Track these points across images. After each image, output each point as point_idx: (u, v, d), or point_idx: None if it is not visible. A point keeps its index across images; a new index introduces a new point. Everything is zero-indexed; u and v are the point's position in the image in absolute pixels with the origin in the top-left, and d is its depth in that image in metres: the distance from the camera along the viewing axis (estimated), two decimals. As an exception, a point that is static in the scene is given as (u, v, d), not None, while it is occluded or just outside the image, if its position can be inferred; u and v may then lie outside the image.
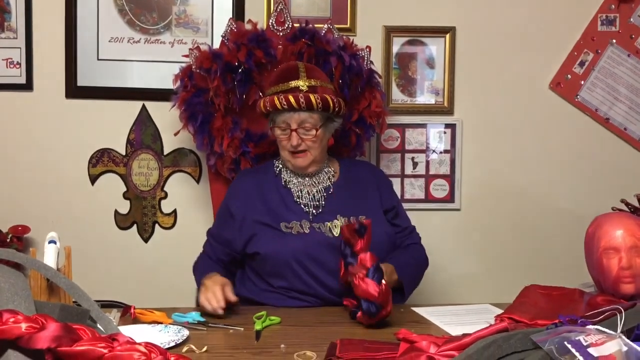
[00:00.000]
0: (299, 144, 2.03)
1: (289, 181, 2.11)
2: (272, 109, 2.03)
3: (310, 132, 2.03)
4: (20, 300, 1.04)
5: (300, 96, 2.00)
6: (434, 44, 2.70)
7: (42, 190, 2.61)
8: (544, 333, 1.13)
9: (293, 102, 1.99)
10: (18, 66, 2.57)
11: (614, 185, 2.69)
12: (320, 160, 2.11)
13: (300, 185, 2.10)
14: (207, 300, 1.80)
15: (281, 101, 2.00)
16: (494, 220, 2.76)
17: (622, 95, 2.74)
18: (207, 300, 1.80)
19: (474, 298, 2.32)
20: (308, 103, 2.00)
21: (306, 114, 2.02)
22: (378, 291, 1.65)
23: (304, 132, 2.03)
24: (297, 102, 1.99)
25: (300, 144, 2.03)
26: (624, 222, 1.72)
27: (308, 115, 2.02)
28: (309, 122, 2.03)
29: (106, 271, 2.63)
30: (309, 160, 2.06)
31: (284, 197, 2.08)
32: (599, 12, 2.72)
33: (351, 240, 1.76)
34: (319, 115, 2.04)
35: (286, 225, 2.02)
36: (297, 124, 2.02)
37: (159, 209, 2.66)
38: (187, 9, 2.61)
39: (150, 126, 2.64)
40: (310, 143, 2.04)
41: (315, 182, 2.12)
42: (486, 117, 2.73)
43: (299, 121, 2.02)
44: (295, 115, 2.02)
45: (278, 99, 2.01)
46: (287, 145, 2.05)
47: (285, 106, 2.00)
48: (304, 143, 2.04)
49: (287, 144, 2.05)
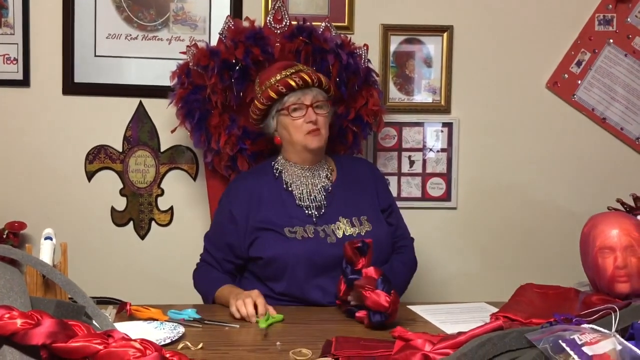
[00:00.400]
0: (316, 119, 2.06)
1: (290, 182, 2.11)
2: (288, 89, 2.06)
3: (323, 108, 2.09)
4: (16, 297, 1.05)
5: (312, 73, 2.10)
6: (431, 43, 2.70)
7: (39, 187, 2.61)
8: (538, 332, 1.13)
9: (307, 79, 2.07)
10: (15, 62, 2.57)
11: (610, 185, 2.70)
12: (324, 147, 2.14)
13: (301, 186, 2.10)
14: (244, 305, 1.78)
15: (296, 80, 2.06)
16: (490, 219, 2.76)
17: (619, 95, 2.75)
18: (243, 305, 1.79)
19: (470, 296, 2.33)
20: (319, 80, 2.09)
21: (317, 90, 2.09)
22: (389, 301, 1.66)
23: (318, 108, 2.08)
24: (310, 79, 2.07)
25: (317, 119, 2.06)
26: (619, 221, 1.72)
27: (318, 92, 2.10)
28: (320, 98, 2.09)
29: (102, 268, 2.63)
30: (323, 140, 2.10)
31: (285, 200, 2.08)
32: (597, 11, 2.72)
33: (353, 259, 1.76)
34: (324, 95, 2.12)
35: (290, 230, 2.02)
36: (311, 100, 2.07)
37: (155, 206, 2.66)
38: (185, 6, 2.61)
39: (147, 123, 2.64)
40: (323, 120, 2.09)
41: (315, 181, 2.12)
42: (483, 116, 2.74)
43: (312, 97, 2.08)
44: (308, 93, 2.07)
45: (292, 80, 2.06)
46: (303, 125, 2.06)
47: (301, 83, 2.06)
48: (319, 120, 2.07)
49: (302, 123, 2.06)
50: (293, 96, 2.07)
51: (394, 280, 2.01)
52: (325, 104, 2.10)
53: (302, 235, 2.01)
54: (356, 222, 2.07)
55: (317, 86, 2.09)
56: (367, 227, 2.07)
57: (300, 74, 2.08)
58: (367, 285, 1.68)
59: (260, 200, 2.07)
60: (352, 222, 2.06)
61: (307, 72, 2.10)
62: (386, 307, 1.65)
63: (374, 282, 1.69)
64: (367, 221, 2.08)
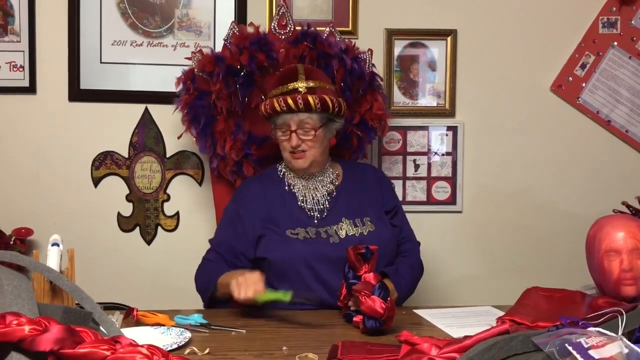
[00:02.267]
0: (298, 144, 2.05)
1: (293, 185, 2.12)
2: (272, 111, 2.06)
3: (309, 132, 2.05)
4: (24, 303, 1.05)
5: (298, 98, 2.02)
6: (435, 47, 2.70)
7: (45, 193, 2.62)
8: (545, 335, 1.13)
9: (291, 104, 2.02)
10: (21, 69, 2.58)
11: (616, 188, 2.69)
12: (321, 162, 2.13)
13: (304, 190, 2.11)
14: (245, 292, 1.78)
15: (280, 104, 2.03)
16: (496, 223, 2.76)
17: (623, 97, 2.74)
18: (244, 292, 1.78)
19: (476, 300, 2.32)
20: (306, 104, 2.02)
21: (305, 115, 2.04)
22: (384, 308, 1.65)
23: (303, 133, 2.05)
24: (295, 104, 2.02)
25: (299, 144, 2.05)
26: (625, 224, 1.72)
27: (307, 116, 2.04)
28: (308, 123, 2.05)
29: (109, 273, 2.64)
30: (309, 161, 2.07)
31: (288, 202, 2.09)
32: (600, 14, 2.72)
33: (356, 264, 1.76)
34: (319, 116, 2.06)
35: (292, 232, 2.03)
36: (297, 125, 2.04)
37: (161, 212, 2.67)
38: (190, 13, 2.62)
39: (153, 129, 2.65)
40: (310, 144, 2.05)
41: (319, 186, 2.12)
42: (488, 119, 2.74)
43: (298, 122, 2.04)
44: (294, 117, 2.04)
45: (277, 102, 2.03)
46: (287, 146, 2.06)
47: (285, 108, 2.03)
48: (304, 144, 2.05)
49: (287, 145, 2.06)
50: (280, 118, 2.06)
51: (400, 284, 2.02)
52: (314, 128, 2.04)
53: (304, 236, 2.02)
54: (359, 223, 2.08)
55: (304, 110, 2.03)
56: (370, 227, 2.07)
57: (286, 98, 2.02)
58: (364, 291, 1.68)
59: (265, 203, 2.09)
60: (354, 223, 2.07)
61: (294, 96, 2.02)
62: (381, 313, 1.65)
63: (371, 287, 1.69)
64: (370, 222, 2.09)
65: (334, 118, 2.11)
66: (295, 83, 2.06)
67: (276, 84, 2.10)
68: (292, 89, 2.05)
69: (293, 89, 2.05)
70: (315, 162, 2.09)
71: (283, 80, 2.09)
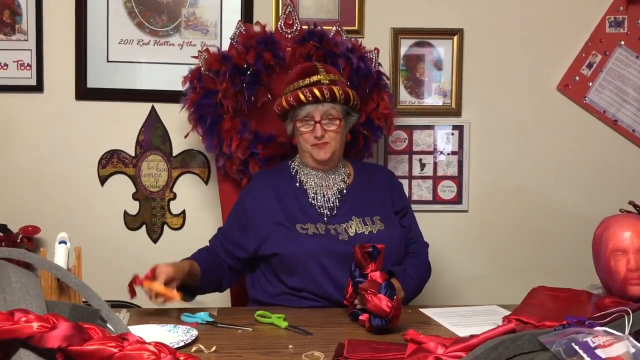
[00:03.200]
0: (322, 135, 2.06)
1: (305, 182, 2.13)
2: (297, 103, 2.06)
3: (334, 122, 2.08)
4: (32, 300, 1.05)
5: (324, 88, 2.06)
6: (441, 46, 2.70)
7: (52, 191, 2.63)
8: (551, 334, 1.13)
9: (318, 94, 2.05)
10: (29, 68, 2.59)
11: (622, 187, 2.69)
12: (339, 156, 2.15)
13: (316, 187, 2.12)
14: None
15: (306, 94, 2.05)
16: (502, 222, 2.76)
17: (630, 97, 2.73)
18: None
19: (482, 299, 2.32)
20: (332, 95, 2.06)
21: (329, 105, 2.07)
22: (390, 307, 1.65)
23: (327, 123, 2.07)
24: (321, 94, 2.05)
25: (323, 135, 2.07)
26: (631, 223, 1.71)
27: (331, 107, 2.08)
28: (332, 113, 2.08)
29: (115, 271, 2.63)
30: (330, 152, 2.09)
31: (299, 198, 2.10)
32: (607, 13, 2.71)
33: (362, 263, 1.76)
34: (341, 108, 2.10)
35: (302, 227, 2.04)
36: (321, 116, 2.06)
37: (167, 210, 2.68)
38: (196, 11, 2.63)
39: (160, 127, 2.66)
40: (333, 134, 2.08)
41: (330, 184, 2.13)
42: (494, 118, 2.74)
43: (323, 112, 2.07)
44: (319, 107, 2.06)
45: (302, 93, 2.06)
46: (310, 137, 2.07)
47: (311, 99, 2.05)
48: (327, 135, 2.07)
49: (309, 136, 2.08)
50: (303, 110, 2.08)
51: (407, 283, 2.02)
52: (338, 118, 2.09)
53: (314, 232, 2.03)
54: (368, 222, 2.08)
55: (329, 101, 2.07)
56: (380, 226, 2.08)
57: (312, 88, 2.06)
58: (370, 289, 1.68)
59: (275, 198, 2.10)
60: (364, 222, 2.08)
61: (320, 87, 2.06)
62: (387, 312, 1.65)
63: (378, 286, 1.69)
64: (379, 221, 2.09)
65: (351, 112, 2.15)
66: (317, 76, 2.10)
67: (295, 78, 2.12)
68: (315, 80, 2.09)
69: (316, 80, 2.09)
70: (335, 155, 2.12)
71: (304, 74, 2.12)
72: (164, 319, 1.80)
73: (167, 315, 1.84)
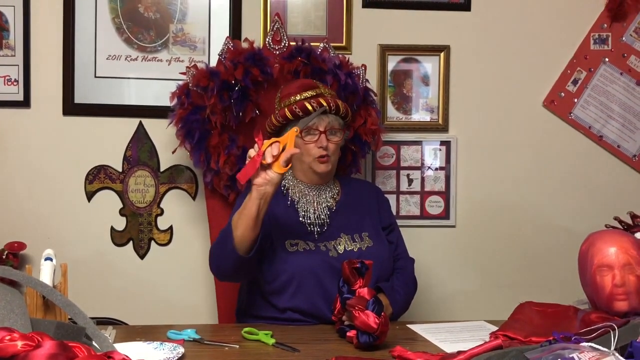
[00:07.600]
0: (326, 145, 2.06)
1: (296, 201, 2.11)
2: (304, 112, 2.06)
3: (337, 134, 2.10)
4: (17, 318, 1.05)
5: (329, 99, 2.08)
6: (428, 62, 2.72)
7: (39, 207, 2.62)
8: (538, 350, 1.14)
9: (325, 105, 2.06)
10: (16, 83, 2.59)
11: (608, 203, 2.71)
12: (333, 170, 2.15)
13: (307, 205, 2.11)
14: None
15: (313, 105, 2.05)
16: (489, 237, 2.77)
17: (615, 113, 2.76)
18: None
19: (469, 315, 2.32)
20: (337, 106, 2.08)
21: (332, 117, 2.09)
22: (378, 323, 1.65)
23: (330, 135, 2.08)
24: (328, 105, 2.06)
25: (327, 145, 2.07)
26: (617, 239, 1.72)
27: (334, 119, 2.09)
28: (335, 125, 2.09)
29: (102, 288, 2.63)
30: (330, 166, 2.10)
31: (290, 215, 2.09)
32: (592, 31, 2.75)
33: (351, 279, 1.76)
34: (341, 121, 2.12)
35: (291, 243, 2.03)
36: (325, 127, 2.07)
37: (155, 226, 2.67)
38: (185, 27, 2.63)
39: (147, 143, 2.65)
40: (334, 147, 2.09)
41: (321, 200, 2.13)
42: (481, 134, 2.75)
43: (327, 123, 2.07)
44: (325, 118, 2.07)
45: (309, 103, 2.06)
46: (314, 149, 2.06)
47: (318, 109, 2.05)
48: (329, 146, 2.07)
49: (313, 147, 2.06)
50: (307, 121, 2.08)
51: (395, 299, 2.02)
52: (339, 131, 2.11)
53: (304, 248, 2.02)
54: (357, 238, 2.08)
55: (334, 113, 2.08)
56: (368, 243, 2.08)
57: (318, 99, 2.07)
58: (358, 305, 1.68)
59: (270, 212, 2.07)
60: (353, 238, 2.08)
61: (326, 98, 2.09)
62: (374, 328, 1.64)
63: (365, 302, 1.69)
64: (368, 237, 2.09)
65: (346, 127, 2.17)
66: (318, 89, 2.12)
67: (297, 91, 2.12)
68: (318, 93, 2.10)
69: (320, 93, 2.10)
70: (332, 169, 2.13)
71: (305, 88, 2.13)
72: (150, 336, 1.78)
73: (153, 332, 1.82)
